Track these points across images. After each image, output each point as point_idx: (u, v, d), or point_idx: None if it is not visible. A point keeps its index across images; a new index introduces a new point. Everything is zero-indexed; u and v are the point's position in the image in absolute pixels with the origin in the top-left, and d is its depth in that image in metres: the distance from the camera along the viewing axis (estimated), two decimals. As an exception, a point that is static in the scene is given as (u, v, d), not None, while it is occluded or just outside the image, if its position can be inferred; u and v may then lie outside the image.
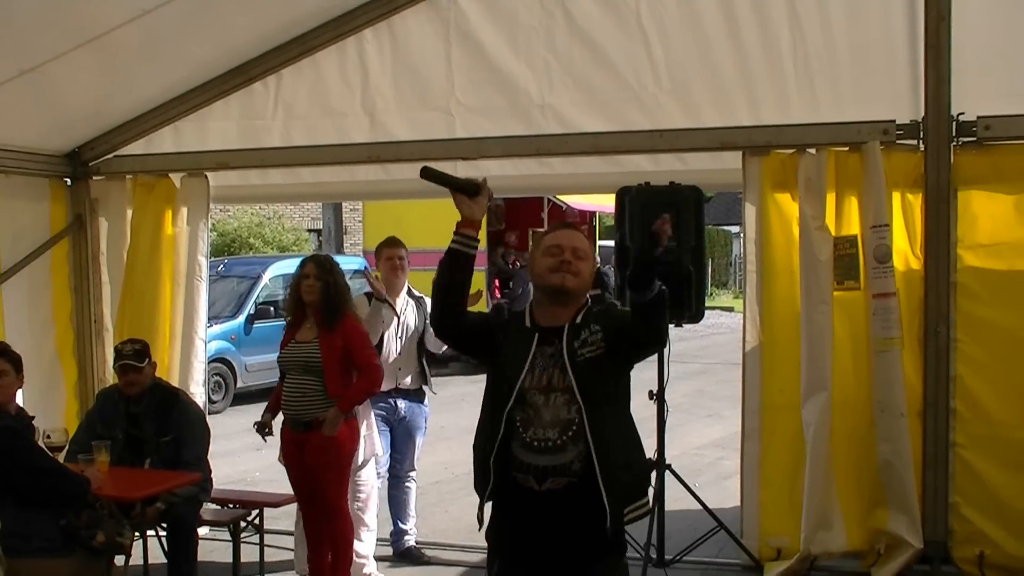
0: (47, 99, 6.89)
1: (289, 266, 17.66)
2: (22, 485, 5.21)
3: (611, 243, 18.18)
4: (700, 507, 6.84)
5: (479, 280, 18.32)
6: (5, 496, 5.17)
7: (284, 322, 6.79)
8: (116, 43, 6.30)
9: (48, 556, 5.22)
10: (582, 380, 3.84)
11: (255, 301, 16.81)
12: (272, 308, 16.84)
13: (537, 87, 7.02)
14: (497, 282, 20.47)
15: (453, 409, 12.11)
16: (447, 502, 9.39)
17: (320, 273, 6.38)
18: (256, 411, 6.62)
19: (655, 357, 7.01)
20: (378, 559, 7.13)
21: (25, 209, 7.70)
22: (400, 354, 7.16)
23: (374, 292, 7.05)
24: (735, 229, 37.22)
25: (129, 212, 7.94)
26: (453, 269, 3.97)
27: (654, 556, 6.55)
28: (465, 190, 3.95)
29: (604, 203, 18.48)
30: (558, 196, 19.22)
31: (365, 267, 17.48)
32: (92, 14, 6.01)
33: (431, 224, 16.85)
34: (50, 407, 7.57)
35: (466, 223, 3.96)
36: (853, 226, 6.51)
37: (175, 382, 7.42)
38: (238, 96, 7.60)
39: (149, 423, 6.32)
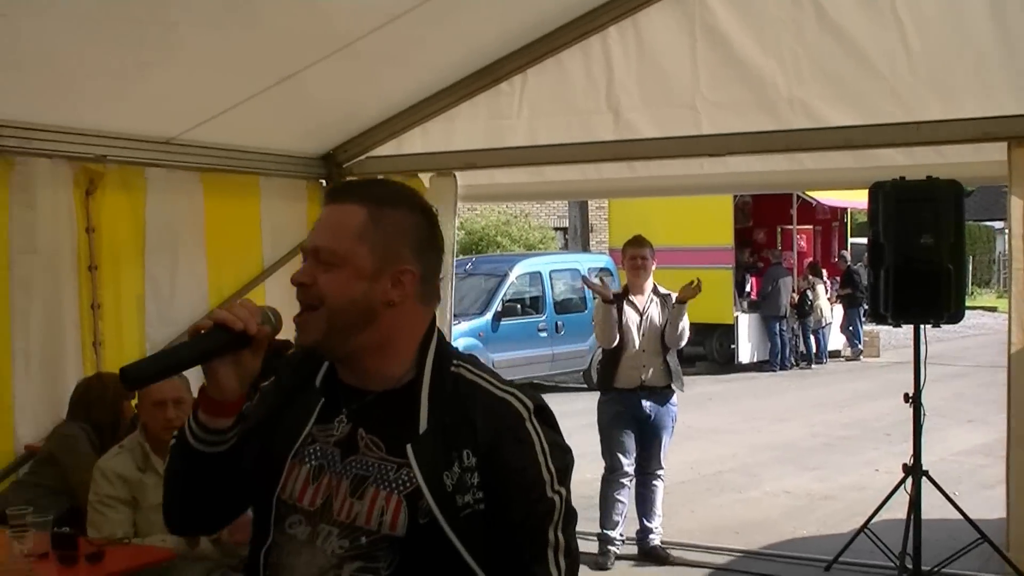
0: (303, 105, 7.20)
1: (536, 264, 18.04)
2: None
3: (863, 240, 17.70)
4: (960, 516, 6.58)
5: (726, 278, 18.07)
6: None
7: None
8: (366, 49, 6.53)
9: None
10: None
11: (502, 299, 17.02)
12: (519, 305, 17.12)
13: (785, 80, 6.84)
14: (755, 282, 20.10)
15: (699, 408, 12.00)
16: (693, 502, 9.33)
17: None
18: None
19: (910, 357, 6.77)
20: (622, 557, 7.16)
21: (284, 209, 8.04)
22: (643, 351, 7.21)
23: (600, 295, 7.33)
24: (999, 224, 35.52)
25: (382, 212, 8.20)
26: (185, 466, 2.21)
27: (910, 566, 6.32)
28: (235, 343, 2.22)
29: (856, 199, 17.92)
30: (807, 192, 18.82)
31: (610, 266, 17.60)
32: (344, 23, 6.24)
33: (677, 222, 16.95)
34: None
35: (207, 404, 2.17)
36: None
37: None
38: (484, 97, 7.71)
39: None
